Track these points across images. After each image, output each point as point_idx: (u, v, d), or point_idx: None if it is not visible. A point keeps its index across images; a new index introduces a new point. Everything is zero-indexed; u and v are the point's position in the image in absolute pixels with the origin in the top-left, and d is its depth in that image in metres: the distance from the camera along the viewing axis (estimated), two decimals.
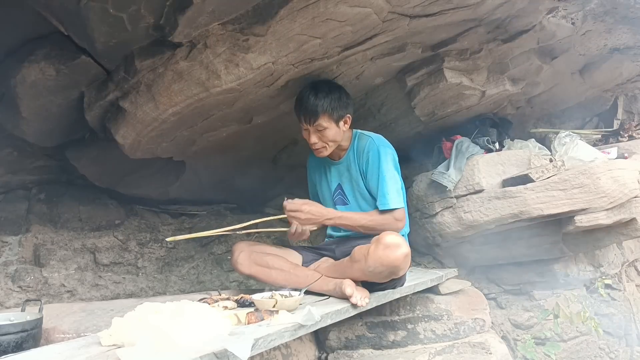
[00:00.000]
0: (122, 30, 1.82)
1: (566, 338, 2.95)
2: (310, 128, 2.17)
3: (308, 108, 2.13)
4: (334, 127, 2.18)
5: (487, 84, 2.78)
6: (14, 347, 1.53)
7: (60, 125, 2.38)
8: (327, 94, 2.15)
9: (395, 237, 1.92)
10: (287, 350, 2.32)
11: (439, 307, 2.53)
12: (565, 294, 3.02)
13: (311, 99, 2.13)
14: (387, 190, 2.15)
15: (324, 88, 2.17)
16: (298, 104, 2.20)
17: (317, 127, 2.16)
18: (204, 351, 1.24)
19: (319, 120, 2.14)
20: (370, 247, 1.92)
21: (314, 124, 2.15)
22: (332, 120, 2.17)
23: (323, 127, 2.15)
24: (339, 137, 2.24)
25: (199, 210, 3.50)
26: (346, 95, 2.26)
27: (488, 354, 2.37)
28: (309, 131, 2.19)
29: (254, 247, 2.26)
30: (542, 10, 2.42)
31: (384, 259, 1.89)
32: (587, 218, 2.55)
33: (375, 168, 2.20)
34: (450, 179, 2.78)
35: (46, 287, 2.64)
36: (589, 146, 2.94)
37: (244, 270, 2.20)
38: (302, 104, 2.16)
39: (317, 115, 2.13)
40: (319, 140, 2.19)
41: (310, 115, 2.14)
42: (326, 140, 2.20)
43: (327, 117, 2.15)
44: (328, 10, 1.85)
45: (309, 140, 2.21)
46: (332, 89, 2.19)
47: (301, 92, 2.19)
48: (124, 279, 2.90)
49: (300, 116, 2.19)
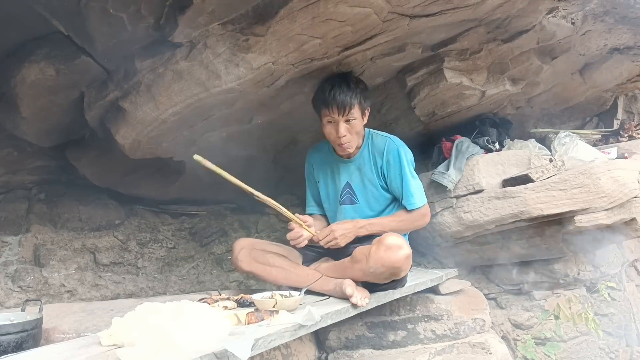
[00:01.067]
0: (122, 30, 1.82)
1: (566, 338, 2.95)
2: (342, 119, 2.12)
3: (343, 98, 2.09)
4: (360, 118, 2.17)
5: (487, 84, 2.78)
6: (14, 347, 1.53)
7: (60, 125, 2.38)
8: (356, 84, 2.16)
9: (397, 239, 1.92)
10: (287, 350, 2.32)
11: (439, 307, 2.52)
12: (566, 294, 3.02)
13: (344, 88, 2.10)
14: (413, 191, 2.19)
15: (352, 79, 2.18)
16: (327, 94, 2.12)
17: (348, 118, 2.12)
18: (204, 351, 1.24)
19: (353, 110, 2.11)
20: (371, 248, 1.91)
21: (347, 114, 2.11)
22: (360, 111, 2.16)
23: (354, 118, 2.13)
24: (362, 131, 2.23)
25: (199, 210, 3.50)
26: (367, 88, 2.27)
27: (488, 354, 2.37)
28: (337, 123, 2.13)
29: (254, 244, 2.25)
30: (542, 10, 2.42)
31: (385, 260, 1.88)
32: (587, 218, 2.54)
33: (397, 169, 2.21)
34: (450, 179, 2.78)
35: (46, 287, 2.64)
36: (589, 146, 2.94)
37: (244, 268, 2.18)
38: (333, 94, 2.10)
39: (352, 105, 2.10)
40: (348, 132, 2.15)
41: (345, 104, 2.09)
42: (353, 132, 2.17)
43: (358, 108, 2.14)
44: (328, 10, 1.84)
45: (338, 133, 2.14)
46: (358, 81, 2.21)
47: (328, 83, 2.15)
48: (124, 279, 2.90)
49: (330, 108, 2.11)
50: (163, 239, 3.21)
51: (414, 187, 2.21)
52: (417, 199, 2.20)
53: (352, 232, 2.12)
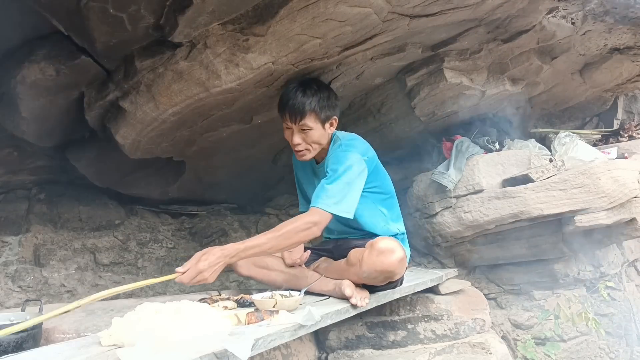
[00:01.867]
0: (122, 30, 1.82)
1: (566, 338, 2.95)
2: (295, 127, 2.01)
3: (295, 105, 1.98)
4: (319, 128, 2.03)
5: (487, 84, 2.78)
6: (14, 347, 1.53)
7: (60, 125, 2.38)
8: (315, 91, 2.02)
9: (389, 242, 1.88)
10: (287, 350, 2.32)
11: (439, 307, 2.52)
12: (566, 294, 3.02)
13: (298, 95, 1.99)
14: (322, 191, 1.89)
15: (313, 86, 2.04)
16: (283, 100, 2.03)
17: (302, 127, 2.00)
18: (204, 351, 1.24)
19: (305, 120, 1.99)
20: (364, 253, 1.88)
21: (299, 123, 1.99)
22: (319, 121, 2.02)
23: (308, 127, 2.00)
24: (324, 140, 2.09)
25: (199, 210, 3.50)
26: (335, 96, 2.13)
27: (488, 354, 2.37)
28: (292, 131, 2.04)
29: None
30: (542, 10, 2.42)
31: (378, 265, 1.85)
32: (587, 218, 2.55)
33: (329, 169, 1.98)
34: (450, 179, 2.78)
35: (46, 287, 2.64)
36: (589, 146, 2.94)
37: (243, 272, 2.19)
38: (287, 101, 2.00)
39: (303, 114, 1.98)
40: (303, 141, 2.04)
41: (296, 112, 1.98)
42: (310, 142, 2.05)
43: (314, 117, 2.00)
44: (328, 10, 1.84)
45: (291, 141, 2.06)
46: (321, 87, 2.07)
47: (287, 88, 2.06)
48: (124, 279, 2.90)
49: (284, 114, 2.03)
50: (163, 239, 3.21)
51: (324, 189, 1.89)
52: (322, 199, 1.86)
53: (221, 263, 1.71)
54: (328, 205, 1.85)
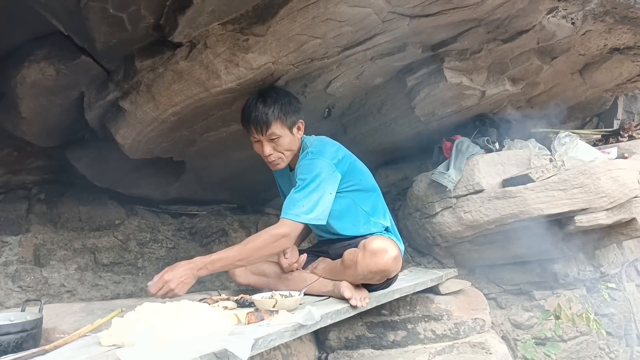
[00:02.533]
0: (122, 30, 1.82)
1: (566, 338, 2.95)
2: (263, 138, 1.99)
3: (258, 116, 1.95)
4: (288, 134, 2.01)
5: (487, 84, 2.78)
6: (14, 347, 1.53)
7: (60, 125, 2.38)
8: (275, 99, 1.99)
9: (382, 242, 1.88)
10: (287, 350, 2.32)
11: (439, 307, 2.52)
12: (566, 293, 3.02)
13: (259, 106, 1.96)
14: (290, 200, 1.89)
15: (272, 94, 2.01)
16: (245, 114, 2.01)
17: (270, 137, 1.98)
18: (204, 351, 1.24)
19: (272, 128, 1.96)
20: (358, 254, 1.87)
21: (266, 133, 1.96)
22: (286, 127, 2.00)
23: (277, 136, 1.98)
24: (295, 146, 2.07)
25: (199, 210, 3.50)
26: (296, 100, 2.11)
27: (488, 354, 2.37)
28: (261, 143, 2.01)
29: None
30: (542, 10, 2.42)
31: (372, 265, 1.85)
32: (587, 218, 2.55)
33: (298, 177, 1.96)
34: (450, 179, 2.79)
35: (46, 287, 2.64)
36: (589, 146, 2.94)
37: (242, 281, 2.19)
38: (250, 113, 1.97)
39: (268, 123, 1.95)
40: (274, 150, 2.01)
41: (261, 123, 1.95)
42: (281, 150, 2.02)
43: (279, 124, 1.98)
44: (328, 10, 1.84)
45: (263, 153, 2.02)
46: (280, 94, 2.03)
47: (246, 102, 2.03)
48: (124, 279, 2.90)
49: (250, 127, 1.99)
50: (163, 239, 3.21)
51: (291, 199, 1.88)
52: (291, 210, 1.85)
53: (190, 277, 1.74)
54: (297, 215, 1.84)
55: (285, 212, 1.86)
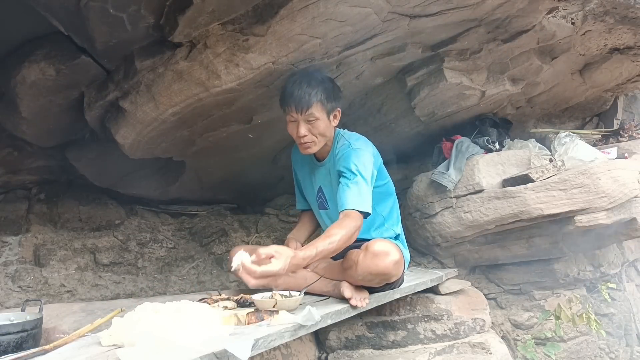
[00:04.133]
0: (122, 30, 1.82)
1: (566, 338, 2.95)
2: (301, 118, 1.98)
3: (300, 95, 1.94)
4: (325, 119, 2.02)
5: (487, 84, 2.78)
6: (14, 347, 1.53)
7: (60, 125, 2.38)
8: (320, 82, 2.00)
9: (384, 245, 1.87)
10: (287, 350, 2.32)
11: (439, 307, 2.52)
12: (566, 293, 3.02)
13: (304, 85, 1.96)
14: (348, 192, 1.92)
15: (317, 76, 2.02)
16: (287, 91, 1.99)
17: (307, 117, 1.98)
18: (204, 351, 1.24)
19: (312, 109, 1.96)
20: (359, 256, 1.86)
21: (305, 112, 1.96)
22: (325, 111, 2.01)
23: (315, 118, 1.98)
24: (329, 133, 2.08)
25: (199, 210, 3.50)
26: (338, 88, 2.12)
27: (488, 354, 2.37)
28: (297, 123, 2.00)
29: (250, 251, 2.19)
30: (542, 10, 2.42)
31: (373, 268, 1.84)
32: (587, 218, 2.55)
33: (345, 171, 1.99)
34: (450, 179, 2.78)
35: (46, 287, 2.64)
36: (589, 146, 2.93)
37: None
38: (292, 91, 1.97)
39: (309, 103, 1.95)
40: (309, 132, 2.01)
41: (302, 102, 1.95)
42: (316, 133, 2.02)
43: (320, 107, 1.98)
44: (328, 10, 1.84)
45: (297, 133, 2.01)
46: (324, 79, 2.05)
47: (289, 80, 2.02)
48: (124, 279, 2.90)
49: (288, 105, 1.99)
50: (163, 239, 3.21)
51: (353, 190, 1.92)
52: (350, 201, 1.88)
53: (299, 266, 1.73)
54: (361, 205, 1.89)
55: (352, 203, 1.88)
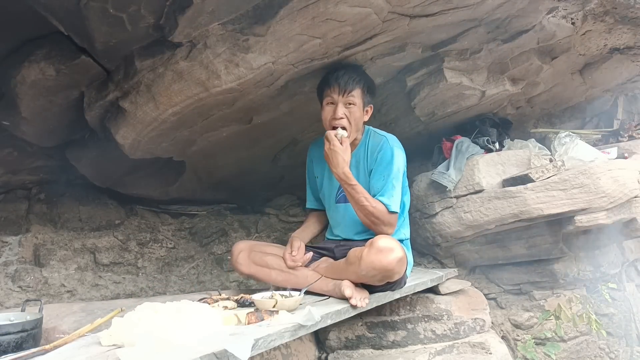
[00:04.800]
0: (122, 30, 1.82)
1: (566, 338, 2.95)
2: (341, 100, 2.07)
3: (346, 78, 2.07)
4: (361, 108, 2.13)
5: (487, 84, 2.78)
6: (14, 347, 1.53)
7: (60, 125, 2.38)
8: (363, 73, 2.17)
9: (389, 241, 1.89)
10: (287, 350, 2.32)
11: (439, 307, 2.52)
12: (566, 294, 3.02)
13: (349, 71, 2.10)
14: (392, 193, 2.08)
15: (360, 70, 2.17)
16: (330, 75, 2.10)
17: (348, 100, 2.08)
18: (204, 351, 1.24)
19: (354, 92, 2.08)
20: (363, 251, 1.89)
21: (347, 94, 2.07)
22: (362, 101, 2.12)
23: (353, 103, 2.09)
24: (360, 124, 2.18)
25: (199, 210, 3.50)
26: (375, 87, 2.27)
27: (488, 354, 2.37)
28: (335, 106, 2.09)
29: (253, 247, 2.24)
30: (542, 10, 2.42)
31: (376, 263, 1.85)
32: (587, 218, 2.55)
33: (383, 167, 2.12)
34: (450, 179, 2.78)
35: (46, 287, 2.64)
36: (589, 146, 2.94)
37: (244, 270, 2.19)
38: (336, 75, 2.08)
39: (354, 86, 2.07)
40: (346, 117, 2.09)
41: (347, 84, 2.06)
42: (352, 120, 2.11)
43: (360, 93, 2.11)
44: (328, 10, 1.84)
45: (334, 115, 2.09)
46: (366, 74, 2.21)
47: (333, 68, 2.14)
48: (124, 279, 2.90)
49: (331, 86, 2.08)
50: (163, 239, 3.21)
51: (395, 190, 2.09)
52: (392, 202, 2.05)
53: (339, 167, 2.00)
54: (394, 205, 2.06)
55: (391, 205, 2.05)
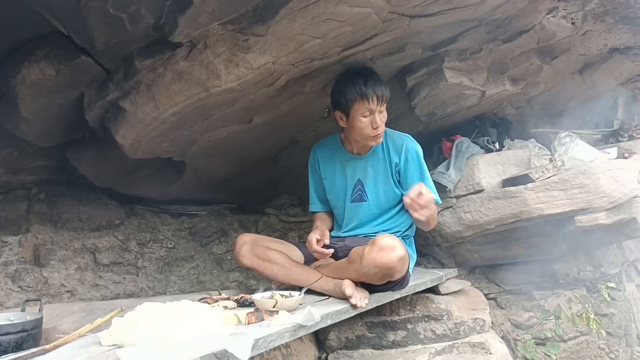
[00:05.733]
0: (122, 30, 1.82)
1: (566, 338, 2.95)
2: (378, 109, 2.11)
3: (382, 88, 2.10)
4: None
5: (487, 84, 2.78)
6: (14, 347, 1.54)
7: (60, 125, 2.38)
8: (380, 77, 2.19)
9: (391, 239, 1.90)
10: (287, 350, 2.32)
11: (439, 307, 2.52)
12: (566, 294, 3.02)
13: (376, 78, 2.12)
14: (433, 186, 2.22)
15: (375, 72, 2.20)
16: (368, 83, 2.09)
17: (383, 109, 2.13)
18: (204, 351, 1.24)
19: (387, 101, 2.13)
20: (365, 249, 1.90)
21: (384, 103, 2.12)
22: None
23: (384, 111, 2.15)
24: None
25: (199, 210, 3.50)
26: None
27: (488, 354, 2.37)
28: (374, 115, 2.11)
29: (257, 240, 2.22)
30: (542, 10, 2.42)
31: (378, 260, 1.85)
32: (587, 218, 2.55)
33: (416, 167, 2.24)
34: (450, 179, 2.79)
35: (46, 287, 2.64)
36: (589, 146, 2.93)
37: (246, 262, 2.17)
38: (372, 84, 2.09)
39: (388, 95, 2.13)
40: (382, 123, 2.15)
41: (384, 94, 2.10)
42: (384, 124, 2.17)
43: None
44: (328, 10, 1.84)
45: (374, 124, 2.11)
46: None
47: (359, 76, 2.11)
48: (124, 279, 2.90)
49: (370, 98, 2.08)
50: (163, 239, 3.21)
51: (432, 184, 2.27)
52: (437, 195, 2.18)
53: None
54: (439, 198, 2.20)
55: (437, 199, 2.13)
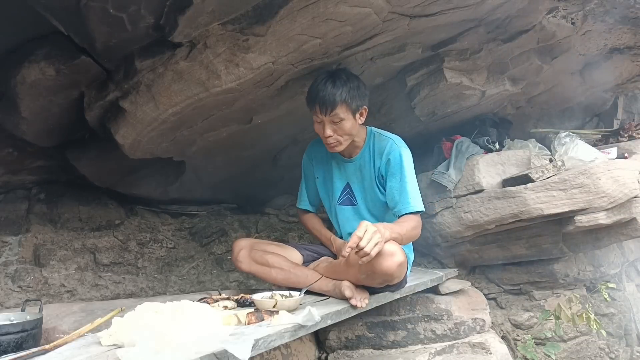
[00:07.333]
0: (122, 30, 1.82)
1: (566, 338, 2.95)
2: (326, 119, 2.01)
3: (325, 96, 1.97)
4: (350, 119, 2.04)
5: (487, 84, 2.78)
6: (14, 347, 1.53)
7: (60, 125, 2.38)
8: (345, 82, 2.01)
9: (390, 245, 1.86)
10: (287, 350, 2.32)
11: (439, 307, 2.52)
12: (566, 294, 3.02)
13: (328, 86, 1.98)
14: (411, 194, 2.06)
15: (342, 76, 2.03)
16: (312, 92, 2.03)
17: (333, 119, 2.00)
18: (204, 351, 1.25)
19: (336, 110, 1.98)
20: None
21: (330, 114, 1.99)
22: (350, 111, 2.02)
23: (340, 119, 2.01)
24: (355, 131, 2.10)
25: (199, 210, 3.50)
26: (364, 86, 2.12)
27: (488, 354, 2.37)
28: (323, 123, 2.03)
29: (254, 244, 2.22)
30: (542, 10, 2.42)
31: (377, 267, 1.83)
32: (587, 218, 2.55)
33: (397, 171, 2.10)
34: (450, 179, 2.79)
35: (46, 287, 2.64)
36: (589, 146, 2.93)
37: (244, 268, 2.18)
38: (317, 92, 2.00)
39: (334, 105, 1.97)
40: (334, 133, 2.04)
41: (327, 104, 1.97)
42: (342, 134, 2.06)
43: (344, 108, 2.00)
44: (328, 10, 1.85)
45: (323, 134, 2.05)
46: (350, 77, 2.06)
47: (316, 79, 2.05)
48: (124, 279, 2.90)
49: (314, 105, 2.02)
50: (163, 239, 3.21)
51: (413, 190, 2.07)
52: (415, 203, 2.05)
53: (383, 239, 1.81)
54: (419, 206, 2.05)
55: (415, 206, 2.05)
